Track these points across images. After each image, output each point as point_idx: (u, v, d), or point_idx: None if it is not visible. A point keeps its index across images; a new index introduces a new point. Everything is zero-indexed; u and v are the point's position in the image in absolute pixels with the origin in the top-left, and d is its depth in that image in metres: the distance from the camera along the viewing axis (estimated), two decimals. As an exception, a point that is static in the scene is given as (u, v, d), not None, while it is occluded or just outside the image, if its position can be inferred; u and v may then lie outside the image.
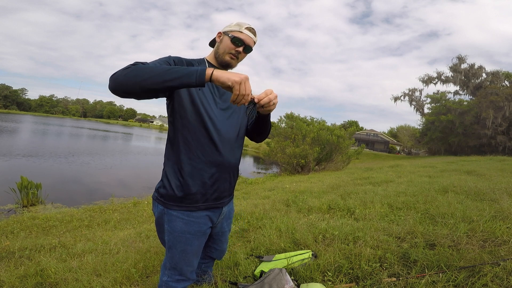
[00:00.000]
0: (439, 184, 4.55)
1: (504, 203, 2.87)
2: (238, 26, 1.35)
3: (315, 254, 2.05)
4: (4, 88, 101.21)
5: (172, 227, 1.30)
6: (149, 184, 10.59)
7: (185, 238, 1.31)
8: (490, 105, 26.51)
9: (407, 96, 35.62)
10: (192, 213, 1.31)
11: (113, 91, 1.03)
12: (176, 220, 1.30)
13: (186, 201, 1.29)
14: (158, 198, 1.33)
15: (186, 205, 1.29)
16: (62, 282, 2.09)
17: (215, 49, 1.41)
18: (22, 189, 6.78)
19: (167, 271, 1.37)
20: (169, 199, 1.30)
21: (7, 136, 22.26)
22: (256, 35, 1.39)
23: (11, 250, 3.35)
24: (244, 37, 1.34)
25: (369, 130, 61.18)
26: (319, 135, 13.37)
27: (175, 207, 1.29)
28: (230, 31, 1.35)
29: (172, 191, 1.28)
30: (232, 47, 1.34)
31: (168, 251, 1.35)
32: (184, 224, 1.30)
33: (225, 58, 1.36)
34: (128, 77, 1.00)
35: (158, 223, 1.37)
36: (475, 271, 1.57)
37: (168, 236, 1.32)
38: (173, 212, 1.29)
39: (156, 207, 1.35)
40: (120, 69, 1.04)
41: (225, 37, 1.36)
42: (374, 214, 3.06)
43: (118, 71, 1.03)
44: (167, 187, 1.29)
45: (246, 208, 4.00)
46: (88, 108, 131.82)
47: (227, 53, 1.35)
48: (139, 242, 3.13)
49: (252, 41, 1.38)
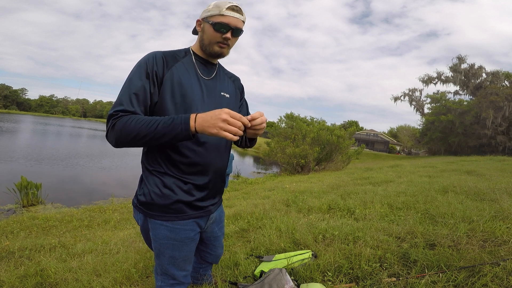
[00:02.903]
0: (439, 184, 4.55)
1: (504, 203, 2.87)
2: (217, 8, 1.14)
3: (315, 254, 2.05)
4: (4, 88, 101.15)
5: (156, 235, 1.20)
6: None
7: (172, 245, 1.21)
8: (490, 105, 26.52)
9: (407, 96, 35.67)
10: (179, 221, 1.19)
11: (117, 147, 1.09)
12: (160, 228, 1.19)
13: (169, 210, 1.17)
14: (138, 206, 1.22)
15: (169, 215, 1.17)
16: (62, 282, 2.09)
17: (200, 40, 1.23)
18: (22, 189, 6.78)
19: (159, 277, 1.31)
20: (150, 208, 1.18)
21: (8, 136, 22.25)
22: (243, 13, 1.19)
23: (11, 250, 3.35)
24: (229, 20, 1.14)
25: (369, 130, 61.18)
26: (319, 135, 13.38)
27: (157, 217, 1.18)
28: (209, 16, 1.16)
29: (151, 200, 1.16)
30: (217, 35, 1.16)
31: (157, 257, 1.27)
32: (169, 231, 1.19)
33: (214, 49, 1.20)
34: (123, 143, 1.05)
35: (143, 230, 1.28)
36: (475, 271, 1.57)
37: (154, 243, 1.23)
38: (156, 221, 1.18)
39: (138, 215, 1.25)
40: (110, 131, 1.05)
41: (205, 24, 1.18)
42: (374, 214, 3.06)
43: (109, 135, 1.06)
44: (147, 195, 1.17)
45: (246, 208, 4.00)
46: (88, 108, 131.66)
47: (214, 43, 1.18)
48: (139, 242, 3.13)
49: (239, 21, 1.17)
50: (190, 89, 1.17)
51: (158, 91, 1.12)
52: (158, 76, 1.12)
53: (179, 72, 1.16)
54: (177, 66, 1.17)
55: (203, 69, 1.25)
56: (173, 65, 1.16)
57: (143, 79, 1.09)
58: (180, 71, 1.16)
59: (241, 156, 25.29)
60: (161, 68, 1.12)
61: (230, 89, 1.35)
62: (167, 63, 1.14)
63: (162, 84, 1.12)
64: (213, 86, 1.26)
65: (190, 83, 1.17)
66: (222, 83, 1.32)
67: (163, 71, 1.13)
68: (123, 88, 1.10)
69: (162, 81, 1.12)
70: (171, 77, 1.13)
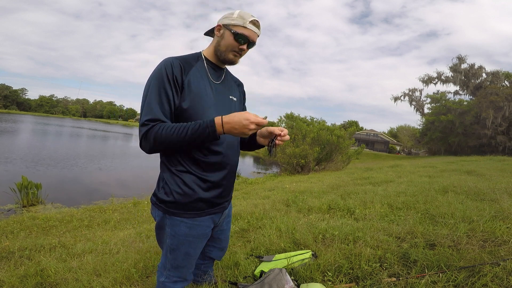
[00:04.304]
0: (439, 184, 4.55)
1: (504, 203, 2.87)
2: (242, 19, 1.21)
3: (315, 254, 2.05)
4: (4, 88, 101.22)
5: (175, 231, 1.25)
6: (149, 184, 10.58)
7: (188, 242, 1.27)
8: (490, 105, 26.53)
9: (407, 96, 35.69)
10: (197, 218, 1.26)
11: (150, 154, 1.19)
12: (179, 224, 1.24)
13: (190, 208, 1.24)
14: (158, 203, 1.26)
15: (189, 212, 1.24)
16: (62, 282, 2.09)
17: (215, 45, 1.28)
18: (22, 189, 6.78)
19: (165, 272, 1.33)
20: (171, 206, 1.23)
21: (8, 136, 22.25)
22: (260, 27, 1.27)
23: (11, 250, 3.35)
24: (249, 33, 1.22)
25: (369, 130, 61.19)
26: (319, 135, 13.37)
27: (177, 214, 1.23)
28: (232, 25, 1.21)
29: (173, 198, 1.22)
30: (235, 44, 1.23)
31: (170, 253, 1.30)
32: (188, 228, 1.25)
33: (228, 57, 1.27)
34: (156, 151, 1.18)
35: (159, 226, 1.31)
36: (475, 271, 1.57)
37: (171, 240, 1.27)
38: (177, 218, 1.24)
39: (156, 212, 1.29)
40: (143, 140, 1.14)
41: (226, 31, 1.23)
42: (374, 214, 3.06)
43: (143, 145, 1.15)
44: (168, 193, 1.23)
45: (246, 208, 4.00)
46: (88, 108, 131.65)
47: (230, 50, 1.25)
48: (139, 242, 3.13)
49: (256, 36, 1.26)
50: (205, 93, 1.23)
51: (179, 96, 1.19)
52: (178, 82, 1.18)
53: (195, 77, 1.23)
54: (193, 71, 1.23)
55: (213, 74, 1.32)
56: (189, 71, 1.22)
57: (167, 86, 1.15)
58: (195, 76, 1.23)
59: (241, 156, 25.18)
60: (180, 74, 1.18)
61: (236, 93, 1.44)
62: (184, 69, 1.20)
63: (183, 89, 1.19)
64: (222, 90, 1.34)
65: (204, 87, 1.24)
66: (230, 87, 1.40)
67: (182, 77, 1.19)
68: (148, 96, 1.15)
69: (182, 86, 1.19)
70: (189, 82, 1.20)
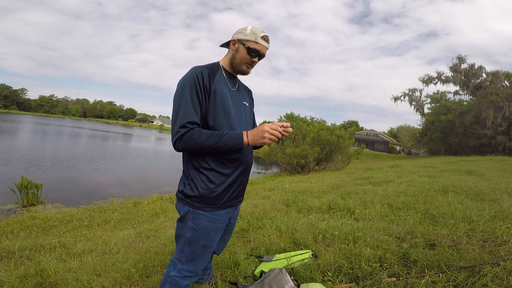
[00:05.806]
0: (439, 184, 4.55)
1: (504, 203, 2.87)
2: (254, 35, 1.37)
3: (315, 254, 2.05)
4: (4, 88, 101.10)
5: (197, 224, 1.36)
6: (149, 184, 10.58)
7: (207, 235, 1.38)
8: (490, 105, 26.52)
9: (407, 96, 35.67)
10: (217, 211, 1.38)
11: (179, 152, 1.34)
12: (202, 218, 1.36)
13: (213, 201, 1.36)
14: (184, 199, 1.38)
15: (213, 205, 1.36)
16: (62, 282, 2.09)
17: (231, 58, 1.44)
18: (22, 189, 6.78)
19: (179, 266, 1.41)
20: (195, 200, 1.35)
21: (8, 136, 22.25)
22: (269, 41, 1.43)
23: (11, 250, 3.35)
24: (260, 48, 1.39)
25: (369, 130, 61.19)
26: (319, 135, 13.37)
27: (202, 208, 1.35)
28: (245, 40, 1.38)
29: (198, 193, 1.34)
30: (248, 58, 1.40)
31: (188, 246, 1.39)
32: (209, 221, 1.37)
33: (242, 68, 1.43)
34: (187, 151, 1.32)
35: (182, 219, 1.41)
36: (475, 271, 1.57)
37: (192, 232, 1.37)
38: (200, 211, 1.35)
39: (182, 207, 1.40)
40: (178, 140, 1.25)
41: (240, 46, 1.39)
42: (374, 214, 3.06)
43: (178, 144, 1.27)
44: (194, 189, 1.35)
45: (246, 208, 4.00)
46: (88, 108, 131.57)
47: (244, 63, 1.41)
48: (139, 242, 3.14)
49: (266, 49, 1.43)
50: (227, 99, 1.38)
51: (207, 101, 1.32)
52: (207, 89, 1.31)
53: (219, 84, 1.37)
54: (216, 79, 1.37)
55: (230, 82, 1.47)
56: (214, 78, 1.36)
57: (199, 93, 1.29)
58: (219, 84, 1.37)
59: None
60: (208, 81, 1.32)
61: (247, 99, 1.60)
62: (210, 77, 1.34)
63: (210, 95, 1.32)
64: (238, 96, 1.49)
65: (226, 94, 1.39)
66: (243, 94, 1.56)
67: (210, 84, 1.33)
68: (184, 102, 1.27)
69: (210, 93, 1.32)
70: (215, 89, 1.34)
